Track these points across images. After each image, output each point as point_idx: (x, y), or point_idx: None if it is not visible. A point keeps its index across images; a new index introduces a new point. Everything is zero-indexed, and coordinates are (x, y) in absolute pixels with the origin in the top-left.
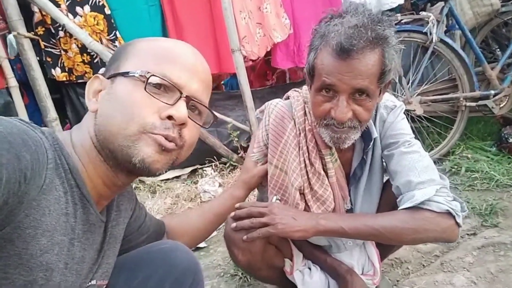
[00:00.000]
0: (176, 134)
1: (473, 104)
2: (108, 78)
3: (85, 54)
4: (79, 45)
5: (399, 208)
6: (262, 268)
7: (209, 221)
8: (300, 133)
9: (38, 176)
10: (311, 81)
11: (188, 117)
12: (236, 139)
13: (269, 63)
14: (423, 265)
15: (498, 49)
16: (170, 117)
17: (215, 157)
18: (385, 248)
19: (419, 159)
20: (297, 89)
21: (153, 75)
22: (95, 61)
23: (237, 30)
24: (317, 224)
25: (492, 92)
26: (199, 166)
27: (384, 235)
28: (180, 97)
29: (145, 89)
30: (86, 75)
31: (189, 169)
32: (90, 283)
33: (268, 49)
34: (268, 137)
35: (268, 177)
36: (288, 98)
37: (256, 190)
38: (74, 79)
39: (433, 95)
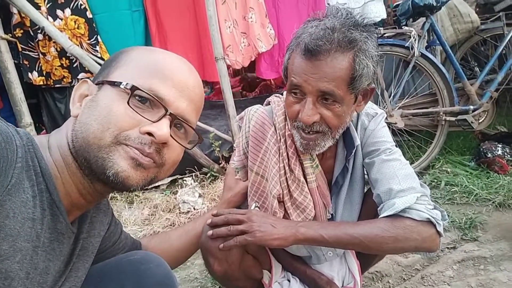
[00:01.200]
0: (153, 151)
1: (453, 118)
2: (96, 84)
3: (64, 58)
4: (58, 49)
5: (379, 217)
6: (239, 279)
7: (190, 242)
8: (280, 139)
9: (4, 175)
10: (286, 82)
11: (172, 136)
12: (218, 149)
13: None
14: (404, 279)
15: (477, 66)
16: (150, 134)
17: (195, 167)
18: (366, 259)
19: (400, 167)
20: (278, 94)
21: (139, 88)
22: (74, 65)
23: (221, 38)
24: (296, 232)
25: (471, 107)
26: (179, 176)
27: (365, 243)
28: (165, 114)
29: (127, 102)
30: (64, 79)
31: (169, 179)
32: None
33: (253, 59)
34: (248, 144)
35: (248, 184)
36: (269, 103)
37: None
38: (52, 83)
39: (414, 109)
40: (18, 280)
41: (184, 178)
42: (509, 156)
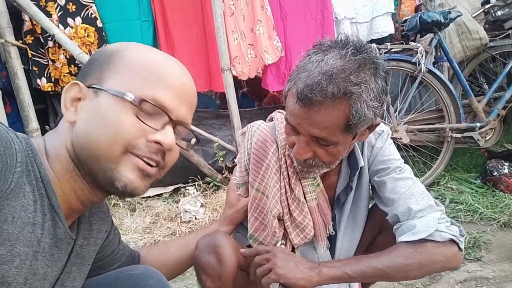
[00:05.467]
0: (160, 158)
1: (459, 135)
2: (88, 87)
3: (72, 66)
4: (68, 56)
5: (399, 240)
6: None
7: (189, 255)
8: (282, 157)
9: (3, 180)
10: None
11: (176, 143)
12: (222, 159)
13: None
14: None
15: (485, 83)
16: (157, 142)
17: (198, 177)
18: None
19: (414, 185)
20: (281, 110)
21: (148, 101)
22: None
23: (228, 50)
24: (319, 273)
25: (478, 124)
26: (182, 185)
27: (390, 273)
28: (169, 122)
29: (137, 115)
30: None
31: (172, 188)
32: None
33: (259, 71)
34: (250, 160)
35: (249, 200)
36: (271, 119)
37: None
38: (60, 90)
39: (420, 125)
40: (15, 285)
41: (187, 187)
42: None
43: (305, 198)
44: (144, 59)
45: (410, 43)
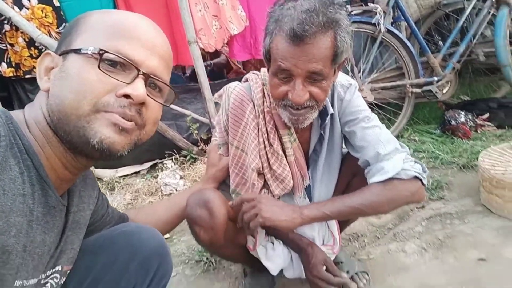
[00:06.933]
0: (134, 112)
1: (419, 90)
2: (60, 55)
3: (33, 48)
4: (26, 39)
5: (370, 181)
6: (225, 246)
7: (176, 215)
8: (259, 115)
9: None
10: (267, 64)
11: (148, 95)
12: (196, 131)
13: None
14: (378, 237)
15: (440, 40)
16: (127, 96)
17: (174, 151)
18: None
19: (381, 132)
20: (255, 71)
21: (107, 52)
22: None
23: (193, 22)
24: (301, 215)
25: (436, 78)
26: (159, 161)
27: (364, 210)
28: (138, 75)
29: (98, 67)
30: (34, 70)
31: (148, 164)
32: (55, 269)
33: (225, 42)
34: (229, 120)
35: (229, 158)
36: (246, 80)
37: None
38: (22, 74)
39: (383, 83)
40: (15, 253)
41: (164, 162)
42: (471, 122)
43: (284, 152)
44: (109, 18)
45: (369, 4)
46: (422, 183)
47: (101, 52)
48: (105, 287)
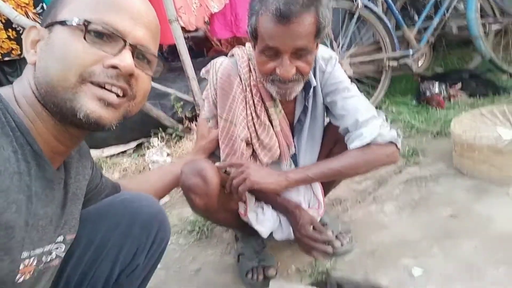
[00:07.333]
0: (123, 83)
1: (395, 63)
2: (46, 28)
3: (10, 30)
4: (3, 20)
5: (350, 147)
6: (219, 211)
7: (168, 183)
8: (246, 89)
9: None
10: (254, 42)
11: (136, 66)
12: (181, 109)
13: None
14: (359, 201)
15: (416, 14)
16: (115, 67)
17: (160, 129)
18: (327, 183)
19: (359, 101)
20: (241, 46)
21: (92, 22)
22: (22, 36)
23: (173, 0)
24: (287, 178)
25: (411, 51)
26: (145, 140)
27: (344, 172)
28: (125, 46)
29: (84, 38)
30: (13, 52)
31: (135, 143)
32: (59, 238)
33: (206, 20)
34: (217, 94)
35: (219, 130)
36: (232, 55)
37: None
38: (0, 57)
39: (361, 57)
40: (19, 228)
41: (150, 140)
42: (445, 92)
43: (270, 122)
44: None
45: None
46: (397, 147)
47: (86, 23)
48: (110, 251)
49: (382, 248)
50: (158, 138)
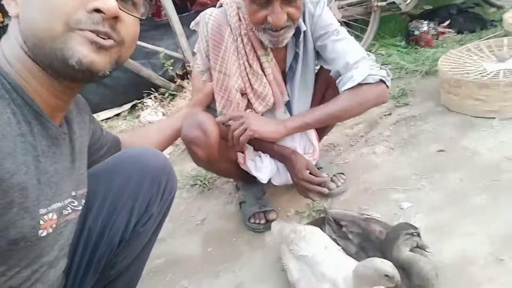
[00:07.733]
0: (108, 28)
1: (383, 3)
2: None
3: None
4: None
5: (341, 89)
6: (220, 161)
7: (168, 136)
8: (237, 38)
9: None
10: None
11: (120, 9)
12: (171, 67)
13: None
14: (351, 145)
15: None
16: (98, 11)
17: (152, 90)
18: (322, 129)
19: (349, 43)
20: None
21: None
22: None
23: None
24: (285, 126)
25: None
26: (138, 101)
27: (339, 115)
28: None
29: None
30: None
31: (128, 105)
32: (72, 193)
33: None
34: (209, 46)
35: (213, 82)
36: (221, 5)
37: None
38: None
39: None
40: (31, 187)
41: (144, 101)
42: (433, 31)
43: (263, 71)
44: None
45: None
46: (387, 85)
47: None
48: (126, 204)
49: (374, 186)
50: (151, 98)
